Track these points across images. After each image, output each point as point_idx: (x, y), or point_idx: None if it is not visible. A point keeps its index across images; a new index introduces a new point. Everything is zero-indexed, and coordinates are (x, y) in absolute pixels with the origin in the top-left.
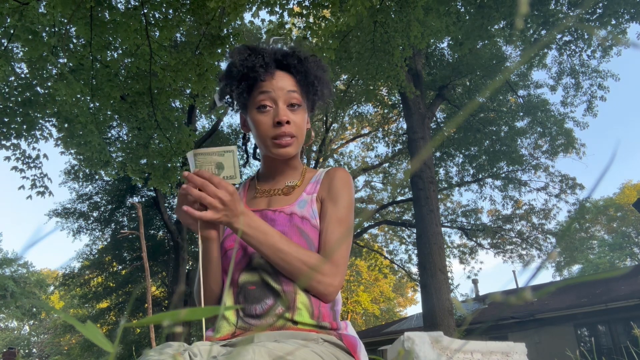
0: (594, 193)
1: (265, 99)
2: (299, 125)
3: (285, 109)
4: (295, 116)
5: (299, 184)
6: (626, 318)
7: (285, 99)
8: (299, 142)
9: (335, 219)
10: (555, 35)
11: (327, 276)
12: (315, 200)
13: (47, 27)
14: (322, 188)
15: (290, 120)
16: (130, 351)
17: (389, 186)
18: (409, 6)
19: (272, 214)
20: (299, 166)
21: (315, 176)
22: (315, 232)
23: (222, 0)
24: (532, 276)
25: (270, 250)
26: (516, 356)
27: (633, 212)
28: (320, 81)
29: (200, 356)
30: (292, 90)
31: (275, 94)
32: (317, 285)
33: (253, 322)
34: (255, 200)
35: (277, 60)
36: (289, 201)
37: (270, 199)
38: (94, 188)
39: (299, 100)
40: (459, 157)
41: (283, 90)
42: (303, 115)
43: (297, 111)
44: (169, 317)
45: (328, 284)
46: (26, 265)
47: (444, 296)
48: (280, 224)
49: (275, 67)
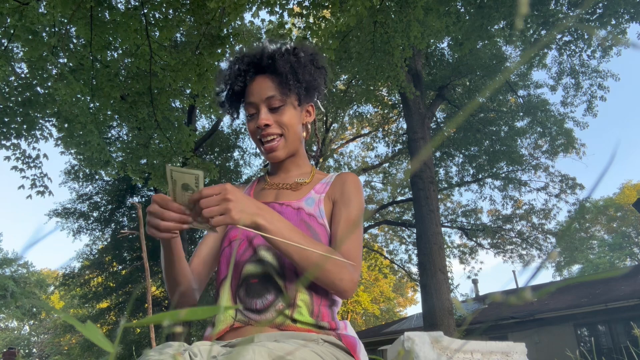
0: (594, 193)
1: (249, 107)
2: (284, 123)
3: (266, 113)
4: (279, 116)
5: (309, 181)
6: (626, 318)
7: (266, 103)
8: (289, 140)
9: (348, 220)
10: (555, 36)
11: (347, 273)
12: (324, 201)
13: (47, 27)
14: (333, 190)
15: (270, 122)
16: (130, 351)
17: (389, 186)
18: (409, 6)
19: (279, 206)
20: (304, 165)
21: (326, 178)
22: (322, 229)
23: (222, 0)
24: (532, 276)
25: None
26: (516, 356)
27: (633, 212)
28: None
29: (200, 356)
30: (270, 95)
31: (255, 99)
32: (340, 282)
33: (253, 316)
34: (264, 192)
35: (255, 64)
36: (297, 196)
37: (278, 192)
38: (94, 188)
39: (280, 100)
40: (459, 157)
41: (261, 97)
42: (289, 113)
43: (280, 110)
44: (169, 317)
45: (349, 280)
46: (26, 265)
47: (444, 296)
48: (287, 217)
49: (255, 72)
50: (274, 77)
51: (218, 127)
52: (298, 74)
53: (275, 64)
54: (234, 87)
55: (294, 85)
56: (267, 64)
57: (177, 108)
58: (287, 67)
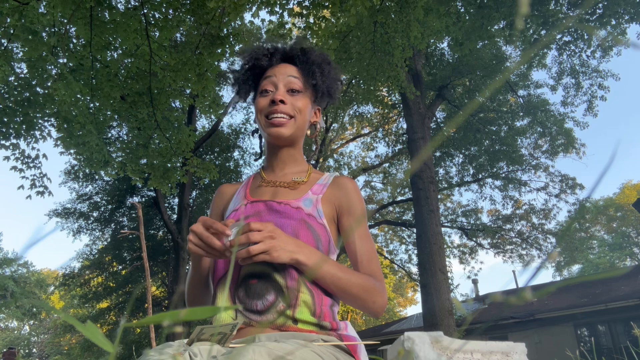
0: (594, 193)
1: (267, 83)
2: (297, 107)
3: (283, 91)
4: (295, 99)
5: (306, 180)
6: (626, 318)
7: (286, 83)
8: (296, 125)
9: (361, 235)
10: (555, 36)
11: (379, 296)
12: (321, 201)
13: (47, 27)
14: (332, 194)
15: (286, 100)
16: (130, 351)
17: (389, 186)
18: (409, 6)
19: (278, 205)
20: (300, 159)
21: (322, 178)
22: (321, 229)
23: (222, 0)
24: (532, 276)
25: (330, 278)
26: (516, 356)
27: (633, 212)
28: (323, 72)
29: (200, 356)
30: (293, 76)
31: (277, 78)
32: (373, 305)
33: (254, 317)
34: (260, 189)
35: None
36: (295, 196)
37: (276, 190)
38: (94, 188)
39: (300, 86)
40: (459, 157)
41: (284, 75)
42: (304, 101)
43: (297, 96)
44: (169, 317)
45: (381, 302)
46: (26, 265)
47: (444, 296)
48: (287, 216)
49: (281, 60)
50: (298, 68)
51: (218, 127)
52: (324, 73)
53: (305, 56)
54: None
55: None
56: (296, 54)
57: (177, 108)
58: (314, 67)
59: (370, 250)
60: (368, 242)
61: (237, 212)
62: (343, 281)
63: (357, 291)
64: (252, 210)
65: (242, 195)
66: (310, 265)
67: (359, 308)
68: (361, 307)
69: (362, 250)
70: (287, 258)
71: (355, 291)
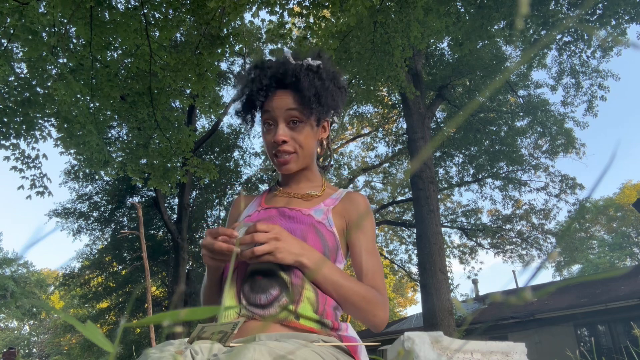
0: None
1: (267, 118)
2: (299, 141)
3: (284, 128)
4: (296, 133)
5: (320, 194)
6: (626, 318)
7: (285, 117)
8: (302, 157)
9: (368, 250)
10: (555, 36)
11: (381, 309)
12: (331, 212)
13: (46, 27)
14: (344, 207)
15: (287, 139)
16: (130, 351)
17: (389, 186)
18: (409, 6)
19: (290, 211)
20: (314, 178)
21: (335, 193)
22: (330, 236)
23: (222, 0)
24: (532, 276)
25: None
26: (516, 356)
27: (633, 212)
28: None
29: (201, 354)
30: (291, 109)
31: (275, 113)
32: (374, 318)
33: (257, 311)
34: (275, 198)
35: (277, 79)
36: (308, 205)
37: (289, 199)
38: (94, 188)
39: (299, 116)
40: (459, 157)
41: (281, 110)
42: (306, 131)
43: (298, 127)
44: (169, 317)
45: (382, 316)
46: (26, 265)
47: (444, 296)
48: (297, 221)
49: (276, 87)
50: (295, 94)
51: (218, 127)
52: (321, 98)
53: (299, 83)
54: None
55: (316, 109)
56: (290, 81)
57: (177, 108)
58: (312, 90)
59: (376, 265)
60: (375, 258)
61: (250, 217)
62: (345, 289)
63: (359, 301)
64: (265, 215)
65: (257, 203)
66: (313, 268)
67: (359, 319)
68: (362, 318)
69: (368, 264)
70: (291, 260)
71: (356, 300)
